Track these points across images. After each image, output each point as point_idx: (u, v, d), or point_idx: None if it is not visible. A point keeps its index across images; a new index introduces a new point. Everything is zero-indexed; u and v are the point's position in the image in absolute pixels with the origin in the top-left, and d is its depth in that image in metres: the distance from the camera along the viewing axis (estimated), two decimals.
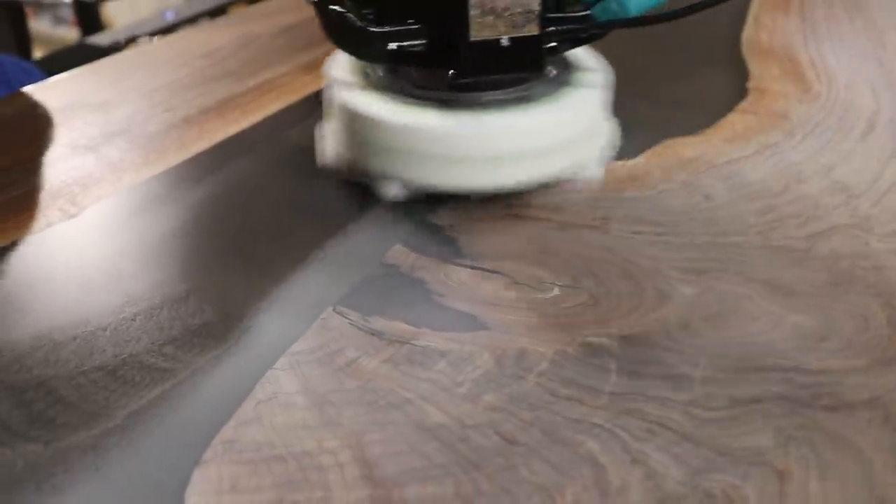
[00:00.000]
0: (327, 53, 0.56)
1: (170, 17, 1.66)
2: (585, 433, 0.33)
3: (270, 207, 0.51)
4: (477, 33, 0.45)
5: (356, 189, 0.51)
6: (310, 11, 0.50)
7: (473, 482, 0.31)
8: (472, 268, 0.44)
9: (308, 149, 0.58)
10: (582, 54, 0.54)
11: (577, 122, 0.50)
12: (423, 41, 0.47)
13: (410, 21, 0.47)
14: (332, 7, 0.47)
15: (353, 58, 0.52)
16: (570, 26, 0.49)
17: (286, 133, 0.60)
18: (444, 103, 0.47)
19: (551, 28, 0.48)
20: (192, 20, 1.81)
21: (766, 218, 0.48)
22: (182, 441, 0.34)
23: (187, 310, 0.41)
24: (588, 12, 0.49)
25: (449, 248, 0.46)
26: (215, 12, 1.92)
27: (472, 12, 0.45)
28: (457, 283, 0.43)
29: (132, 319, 0.41)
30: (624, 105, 0.65)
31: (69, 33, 2.58)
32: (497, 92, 0.48)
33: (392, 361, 0.37)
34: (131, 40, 1.49)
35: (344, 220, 0.49)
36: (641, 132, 0.59)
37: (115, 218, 0.50)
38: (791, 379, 0.36)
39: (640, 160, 0.55)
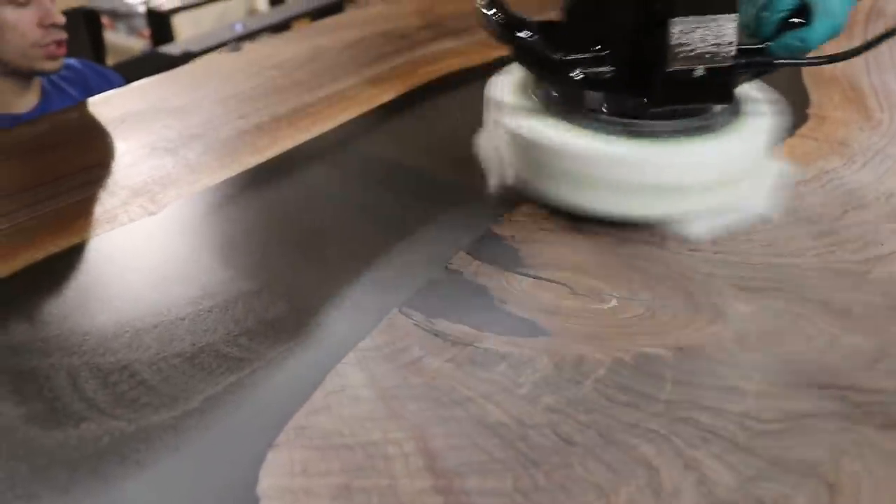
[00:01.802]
0: (392, 68, 0.58)
1: (239, 29, 1.71)
2: (640, 437, 0.35)
3: (340, 211, 0.53)
4: (673, 64, 0.46)
5: (423, 198, 0.53)
6: (375, 27, 0.52)
7: (531, 478, 0.33)
8: (534, 277, 0.45)
9: (376, 157, 0.60)
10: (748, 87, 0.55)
11: (753, 152, 0.50)
12: (611, 68, 0.49)
13: (598, 48, 0.48)
14: (518, 35, 0.49)
15: (515, 80, 0.55)
16: (758, 59, 0.49)
17: (355, 142, 0.63)
18: (622, 129, 0.48)
19: (741, 61, 0.48)
20: (256, 34, 1.86)
21: (823, 241, 0.49)
22: (256, 425, 0.36)
23: (261, 304, 0.44)
24: (764, 45, 0.49)
25: (511, 257, 0.47)
26: (279, 27, 1.98)
27: (673, 43, 0.45)
28: (518, 290, 0.44)
29: (209, 311, 0.43)
30: None
31: (138, 44, 2.67)
32: (673, 122, 0.49)
33: (455, 361, 0.39)
34: (205, 51, 1.54)
35: (410, 226, 0.50)
36: None
37: (193, 216, 0.53)
38: (845, 397, 0.37)
39: None
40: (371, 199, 0.55)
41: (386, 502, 0.32)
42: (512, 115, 0.51)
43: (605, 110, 0.49)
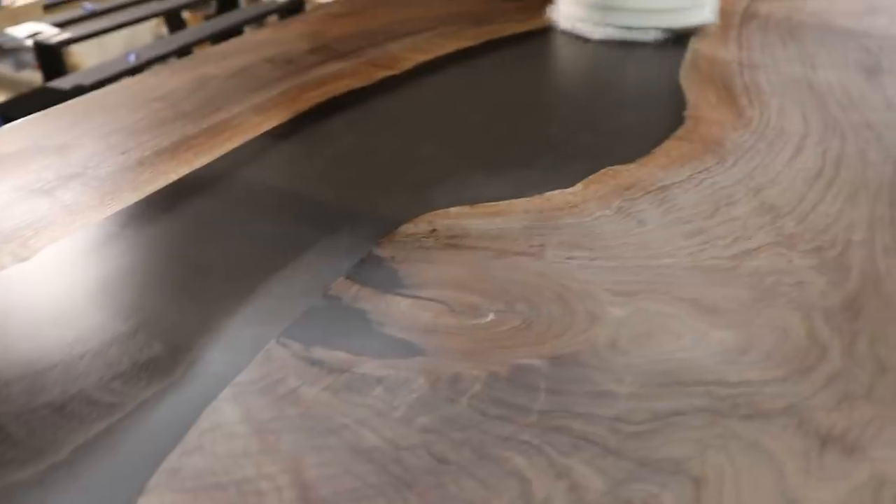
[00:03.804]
0: (279, 94, 0.58)
1: (132, 60, 1.67)
2: (513, 450, 0.35)
3: (221, 243, 0.53)
4: None
5: (306, 224, 0.53)
6: (262, 53, 0.52)
7: (404, 501, 0.33)
8: (412, 297, 0.46)
9: (260, 185, 0.59)
10: None
11: None
12: None
13: None
14: None
15: None
16: None
17: (238, 171, 0.62)
18: None
19: None
20: (156, 61, 1.82)
21: (695, 240, 0.51)
22: (127, 471, 0.35)
23: (136, 345, 0.43)
24: None
25: (391, 278, 0.47)
26: (181, 52, 1.94)
27: None
28: (397, 312, 0.45)
29: (81, 357, 0.42)
30: (564, 136, 0.68)
31: (32, 76, 2.58)
32: None
33: (331, 389, 0.39)
34: (96, 84, 1.50)
35: (293, 254, 0.50)
36: (580, 161, 0.61)
37: (68, 259, 0.51)
38: (712, 391, 0.38)
39: (578, 188, 0.57)
40: (253, 229, 0.54)
41: None
42: None
43: None
